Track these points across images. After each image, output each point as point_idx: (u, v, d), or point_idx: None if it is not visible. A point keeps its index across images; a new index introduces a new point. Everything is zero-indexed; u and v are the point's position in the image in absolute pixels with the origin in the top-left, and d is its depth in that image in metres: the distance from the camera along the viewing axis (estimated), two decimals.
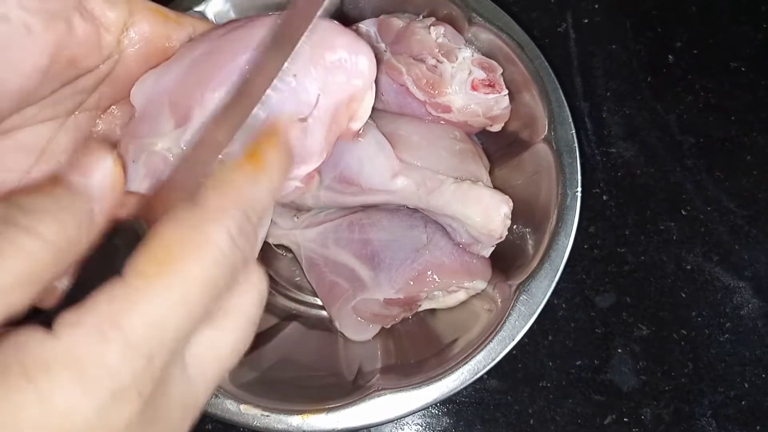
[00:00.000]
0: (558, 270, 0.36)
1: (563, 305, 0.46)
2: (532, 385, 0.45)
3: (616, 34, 0.53)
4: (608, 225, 0.48)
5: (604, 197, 0.49)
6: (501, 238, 0.38)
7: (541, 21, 0.54)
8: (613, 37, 0.53)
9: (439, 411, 0.44)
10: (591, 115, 0.51)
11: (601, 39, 0.53)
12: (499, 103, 0.41)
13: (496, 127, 0.43)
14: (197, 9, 0.41)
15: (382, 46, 0.42)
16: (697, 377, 0.45)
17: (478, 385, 0.45)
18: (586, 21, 0.53)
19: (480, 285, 0.40)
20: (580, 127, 0.51)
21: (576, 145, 0.38)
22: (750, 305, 0.47)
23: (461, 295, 0.41)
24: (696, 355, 0.46)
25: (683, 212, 0.48)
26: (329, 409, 0.35)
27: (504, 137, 0.43)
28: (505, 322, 0.36)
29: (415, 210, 0.41)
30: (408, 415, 0.35)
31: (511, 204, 0.38)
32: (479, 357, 0.35)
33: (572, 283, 0.47)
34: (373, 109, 0.43)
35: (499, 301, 0.38)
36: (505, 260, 0.40)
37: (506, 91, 0.40)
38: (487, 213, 0.38)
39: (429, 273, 0.39)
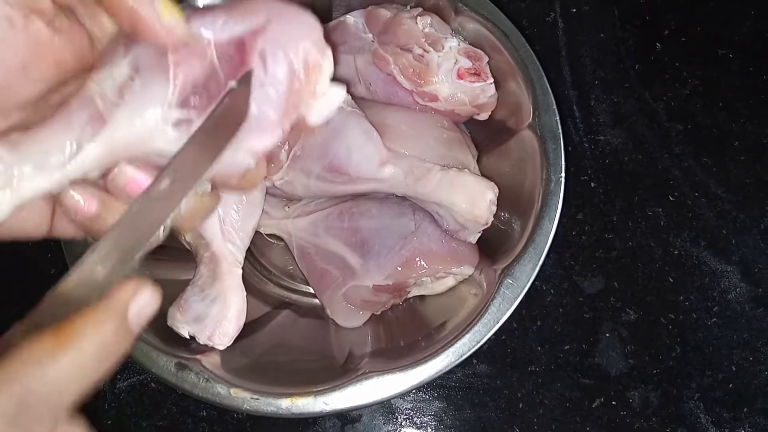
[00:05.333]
0: (542, 254, 0.37)
1: (551, 291, 0.47)
2: (521, 369, 0.45)
3: (604, 22, 0.54)
4: (596, 211, 0.49)
5: (592, 184, 0.49)
6: (487, 224, 0.39)
7: (530, 11, 0.54)
8: (601, 25, 0.53)
9: (429, 395, 0.45)
10: (579, 104, 0.51)
11: (589, 28, 0.53)
12: (485, 91, 0.41)
13: (483, 116, 0.43)
14: None
15: (370, 36, 0.43)
16: (684, 361, 0.46)
17: (467, 370, 0.45)
18: (574, 10, 0.54)
19: (467, 270, 0.41)
20: (568, 116, 0.51)
21: (560, 131, 0.39)
22: (737, 289, 0.47)
23: (449, 281, 0.42)
24: (684, 339, 0.46)
25: (671, 198, 0.49)
26: (317, 392, 0.35)
27: (491, 125, 0.44)
28: (489, 306, 0.36)
29: (404, 198, 0.42)
30: (395, 397, 0.36)
31: (497, 190, 0.39)
32: (465, 339, 0.36)
33: (560, 269, 0.47)
34: (361, 98, 0.44)
35: (485, 285, 0.39)
36: (492, 246, 0.41)
37: (492, 80, 0.41)
38: (473, 199, 0.38)
39: (417, 260, 0.40)
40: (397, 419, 0.45)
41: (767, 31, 0.53)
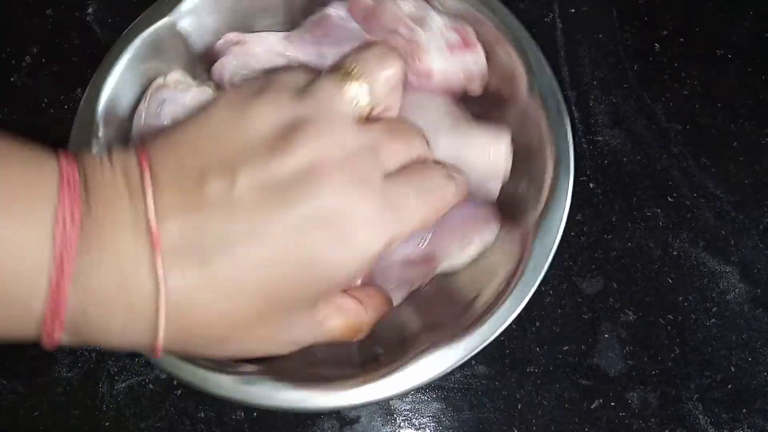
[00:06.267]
0: (566, 206, 0.37)
1: (550, 292, 0.47)
2: (520, 370, 0.45)
3: (603, 23, 0.54)
4: (595, 212, 0.49)
5: (591, 185, 0.49)
6: (507, 172, 0.39)
7: (529, 11, 0.54)
8: (599, 26, 0.53)
9: (427, 397, 0.45)
10: (578, 104, 0.51)
11: (587, 28, 0.53)
12: (477, 61, 0.41)
13: (477, 88, 0.43)
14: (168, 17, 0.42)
15: (355, 25, 0.43)
16: (683, 361, 0.46)
17: (466, 371, 0.45)
18: (572, 10, 0.54)
19: (492, 232, 0.40)
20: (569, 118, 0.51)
21: (558, 88, 0.39)
22: (737, 290, 0.47)
23: (473, 250, 0.41)
24: (683, 340, 0.46)
25: (669, 199, 0.49)
26: (387, 373, 0.34)
27: (485, 99, 0.43)
28: (527, 263, 0.36)
29: None
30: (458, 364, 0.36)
31: (509, 135, 0.39)
32: (507, 304, 0.36)
33: (559, 270, 0.47)
34: None
35: (513, 247, 0.38)
36: (510, 210, 0.41)
37: (482, 48, 0.41)
38: (489, 148, 0.38)
39: (442, 227, 0.39)
40: (395, 420, 0.45)
41: (766, 31, 0.53)
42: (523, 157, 0.40)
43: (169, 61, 0.43)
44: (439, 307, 0.41)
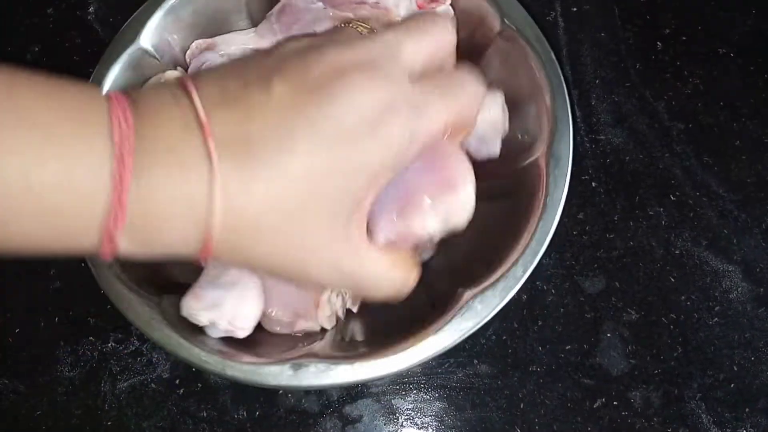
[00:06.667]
0: (570, 131, 0.38)
1: (552, 291, 0.47)
2: (522, 369, 0.45)
3: (605, 21, 0.53)
4: (597, 211, 0.49)
5: (593, 184, 0.49)
6: (505, 129, 0.39)
7: (531, 10, 0.53)
8: (601, 24, 0.53)
9: (430, 396, 0.45)
10: (580, 103, 0.51)
11: (589, 27, 0.53)
12: (446, 12, 0.42)
13: None
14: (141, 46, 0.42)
15: (320, 5, 0.43)
16: (686, 361, 0.46)
17: (468, 370, 0.45)
18: (574, 9, 0.54)
19: (470, 189, 0.39)
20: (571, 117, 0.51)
21: (531, 20, 0.40)
22: (739, 289, 0.47)
23: (469, 206, 0.39)
24: (685, 339, 0.46)
25: (672, 198, 0.49)
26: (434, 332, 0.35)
27: (459, 48, 0.44)
28: (549, 191, 0.37)
29: None
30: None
31: (502, 92, 0.39)
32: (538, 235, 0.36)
33: (561, 269, 0.47)
34: None
35: (534, 177, 0.39)
36: (515, 146, 0.41)
37: (449, 0, 0.42)
38: (486, 108, 0.38)
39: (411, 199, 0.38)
40: (398, 420, 0.45)
41: None
42: (517, 96, 0.41)
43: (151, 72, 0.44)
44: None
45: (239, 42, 0.44)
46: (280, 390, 0.45)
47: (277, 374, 0.35)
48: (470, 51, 0.43)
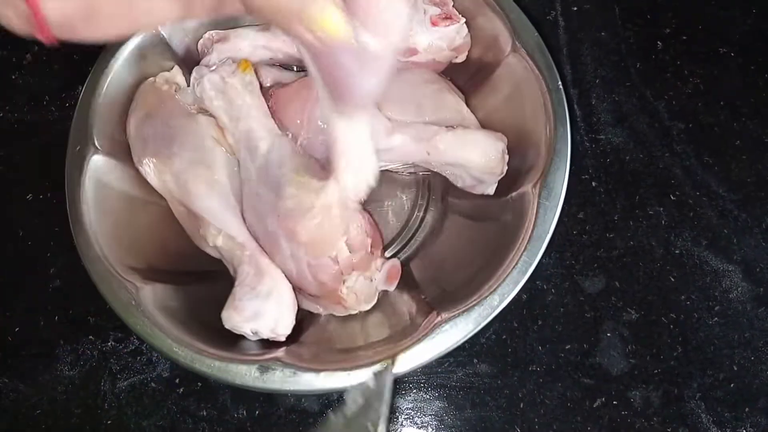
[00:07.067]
0: (567, 161, 0.37)
1: (552, 290, 0.47)
2: (522, 369, 0.45)
3: (605, 21, 0.53)
4: (597, 211, 0.49)
5: (593, 183, 0.49)
6: (502, 173, 0.40)
7: (531, 9, 0.53)
8: (602, 24, 0.53)
9: (430, 395, 0.45)
10: (580, 102, 0.51)
11: (590, 26, 0.53)
12: (459, 32, 0.42)
13: (461, 57, 0.44)
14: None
15: None
16: (686, 360, 0.45)
17: (468, 369, 0.45)
18: (575, 8, 0.54)
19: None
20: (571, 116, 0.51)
21: (543, 45, 0.40)
22: (739, 289, 0.47)
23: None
24: (685, 339, 0.46)
25: (672, 197, 0.49)
26: (397, 352, 0.35)
27: (469, 66, 0.44)
28: (537, 220, 0.36)
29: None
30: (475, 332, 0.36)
31: (505, 139, 0.40)
32: (524, 257, 0.36)
33: (561, 268, 0.47)
34: None
35: (521, 206, 0.38)
36: (513, 172, 0.41)
37: (464, 19, 0.42)
38: (486, 153, 0.39)
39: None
40: (398, 419, 0.45)
41: None
42: (515, 121, 0.41)
43: (155, 64, 0.44)
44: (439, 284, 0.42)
45: (252, 38, 0.44)
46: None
47: (243, 374, 0.35)
48: (480, 70, 0.43)
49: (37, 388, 0.46)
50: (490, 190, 0.41)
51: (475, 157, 0.39)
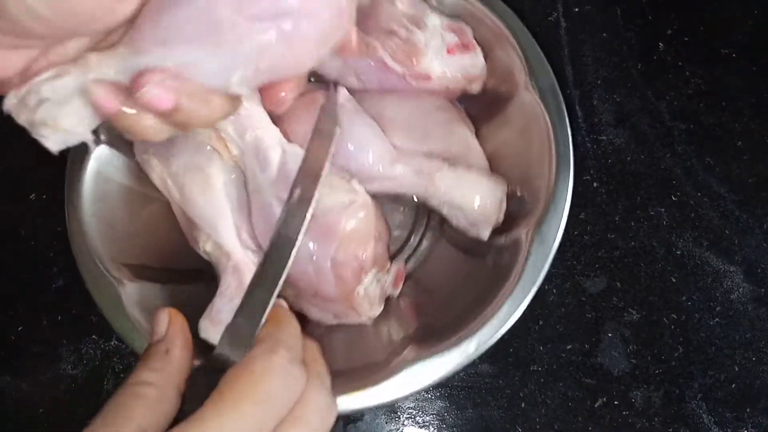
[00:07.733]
0: (564, 210, 0.37)
1: (554, 290, 0.47)
2: (523, 369, 0.45)
3: (607, 21, 0.53)
4: (598, 211, 0.49)
5: (595, 184, 0.49)
6: (498, 223, 0.39)
7: (532, 10, 0.54)
8: (603, 25, 0.53)
9: (431, 395, 0.45)
10: (581, 103, 0.51)
11: (591, 27, 0.53)
12: (475, 63, 0.41)
13: (476, 88, 0.43)
14: None
15: (340, 62, 0.42)
16: (687, 361, 0.46)
17: (470, 369, 0.45)
18: (576, 9, 0.54)
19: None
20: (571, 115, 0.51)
21: (557, 87, 0.39)
22: (740, 289, 0.47)
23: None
24: (686, 339, 0.46)
25: (673, 198, 0.49)
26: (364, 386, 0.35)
27: (484, 97, 0.44)
28: (525, 267, 0.36)
29: None
30: (454, 372, 0.36)
31: (506, 187, 0.39)
32: (506, 306, 0.36)
33: (563, 269, 0.47)
34: (355, 91, 0.44)
35: (514, 249, 0.38)
36: (512, 213, 0.41)
37: (480, 50, 0.41)
38: (484, 199, 0.39)
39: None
40: (399, 418, 0.45)
41: None
42: (521, 159, 0.41)
43: None
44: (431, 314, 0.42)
45: None
46: None
47: None
48: (494, 101, 0.43)
49: (40, 388, 0.46)
50: (484, 235, 0.40)
51: (472, 202, 0.39)
